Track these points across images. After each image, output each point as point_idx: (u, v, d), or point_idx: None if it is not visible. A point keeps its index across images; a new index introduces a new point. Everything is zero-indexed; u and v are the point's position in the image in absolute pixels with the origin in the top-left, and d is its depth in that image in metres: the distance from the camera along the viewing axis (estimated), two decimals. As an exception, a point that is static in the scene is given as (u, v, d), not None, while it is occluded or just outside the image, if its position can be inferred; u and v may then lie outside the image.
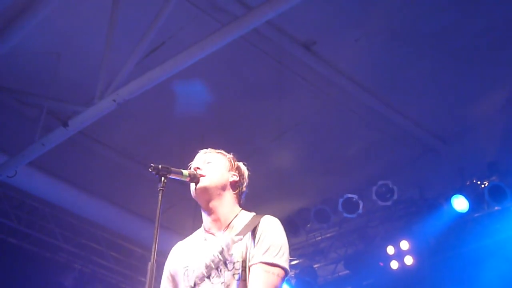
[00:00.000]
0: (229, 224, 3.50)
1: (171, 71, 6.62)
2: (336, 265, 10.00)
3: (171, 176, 3.40)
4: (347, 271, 9.83)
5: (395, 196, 8.82)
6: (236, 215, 3.53)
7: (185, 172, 3.50)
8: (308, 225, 9.86)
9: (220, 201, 3.53)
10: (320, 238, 9.91)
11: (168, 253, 3.70)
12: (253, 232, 3.37)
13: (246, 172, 3.71)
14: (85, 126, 7.37)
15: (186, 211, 9.49)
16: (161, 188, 3.32)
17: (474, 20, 7.16)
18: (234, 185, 3.61)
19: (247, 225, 3.43)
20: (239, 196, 3.63)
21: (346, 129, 8.73)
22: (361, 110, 8.38)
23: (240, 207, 3.63)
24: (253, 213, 3.56)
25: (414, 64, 7.78)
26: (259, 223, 3.42)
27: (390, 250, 9.19)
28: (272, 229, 3.42)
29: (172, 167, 3.42)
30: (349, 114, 8.46)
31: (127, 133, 8.94)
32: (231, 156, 3.72)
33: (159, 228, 3.23)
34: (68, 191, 9.28)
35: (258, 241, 3.34)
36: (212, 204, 3.53)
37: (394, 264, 9.17)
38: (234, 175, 3.62)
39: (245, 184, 3.68)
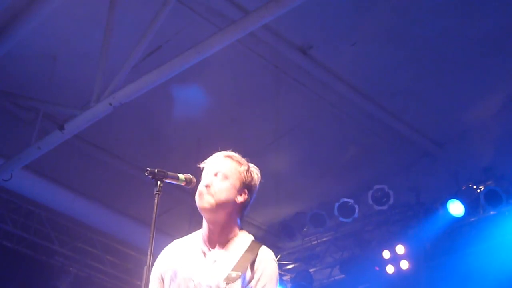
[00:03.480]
0: (226, 243, 3.45)
1: (168, 75, 6.62)
2: (332, 269, 10.00)
3: (167, 180, 3.39)
4: (343, 275, 9.82)
5: (391, 201, 8.82)
6: (235, 236, 3.47)
7: (181, 176, 3.48)
8: (304, 229, 9.86)
9: (222, 222, 3.45)
10: (316, 242, 9.91)
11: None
12: (251, 267, 3.34)
13: (257, 182, 3.59)
14: (81, 129, 7.36)
15: (182, 215, 9.50)
16: (157, 192, 3.31)
17: (470, 25, 7.18)
18: (240, 206, 3.49)
19: (245, 256, 3.37)
20: (242, 214, 3.53)
21: (342, 133, 8.74)
22: (357, 114, 8.39)
23: (240, 225, 3.53)
24: (251, 237, 3.49)
25: (410, 68, 7.79)
26: (257, 256, 3.38)
27: (386, 254, 9.19)
28: (269, 267, 3.39)
29: (168, 171, 3.41)
30: (346, 118, 8.47)
31: (123, 136, 8.93)
32: (246, 168, 3.56)
33: (155, 232, 3.23)
34: (64, 195, 9.27)
35: (254, 278, 3.32)
36: (213, 222, 3.46)
37: (390, 269, 9.16)
38: (243, 194, 3.49)
39: (252, 198, 3.55)
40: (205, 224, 3.50)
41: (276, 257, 3.53)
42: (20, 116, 8.43)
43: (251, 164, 3.64)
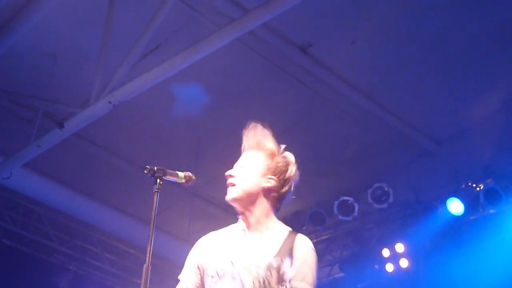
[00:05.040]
0: (261, 232, 3.40)
1: (167, 73, 6.62)
2: (332, 267, 10.00)
3: (167, 178, 3.39)
4: (342, 274, 9.83)
5: (391, 199, 8.82)
6: (268, 227, 3.42)
7: (181, 174, 3.48)
8: (304, 228, 9.84)
9: (252, 209, 3.41)
10: (315, 240, 9.89)
11: (163, 256, 3.67)
12: (290, 253, 3.30)
13: (291, 171, 3.51)
14: (81, 127, 7.36)
15: (181, 213, 9.51)
16: (157, 190, 3.31)
17: (470, 23, 7.18)
18: (269, 191, 3.43)
19: (284, 245, 3.33)
20: (275, 202, 3.46)
21: (341, 132, 8.73)
22: (357, 112, 8.39)
23: (275, 213, 3.48)
24: (288, 228, 3.46)
25: (410, 66, 7.79)
26: (294, 244, 3.34)
27: (386, 252, 9.20)
28: (307, 253, 3.35)
29: (168, 169, 3.41)
30: (345, 116, 8.47)
31: (122, 135, 8.93)
32: (276, 154, 3.54)
33: (155, 230, 3.23)
34: (63, 193, 9.27)
35: (294, 264, 3.27)
36: (244, 211, 3.43)
37: (390, 267, 9.17)
38: (269, 179, 3.43)
39: (285, 186, 3.48)
40: (240, 218, 3.45)
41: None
42: (20, 114, 8.43)
43: (285, 152, 3.61)
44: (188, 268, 3.43)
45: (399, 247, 9.09)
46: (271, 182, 3.44)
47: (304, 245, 3.38)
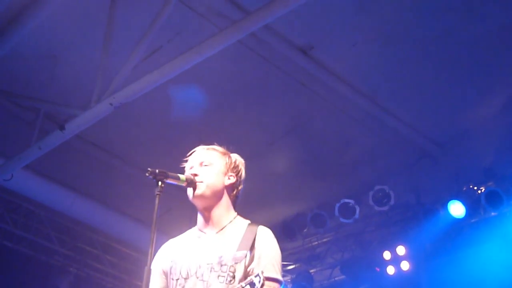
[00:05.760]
0: (223, 228, 3.55)
1: (168, 75, 6.62)
2: (333, 270, 9.99)
3: (168, 180, 3.42)
4: (343, 276, 9.81)
5: (392, 201, 8.81)
6: (231, 221, 3.58)
7: (182, 177, 3.51)
8: (305, 230, 9.85)
9: (216, 206, 3.58)
10: (316, 243, 9.90)
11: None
12: (251, 246, 3.42)
13: (242, 169, 3.74)
14: (82, 129, 7.36)
15: (182, 215, 9.44)
16: (158, 193, 3.34)
17: (471, 25, 7.17)
18: (230, 188, 3.66)
19: (245, 237, 3.45)
20: (234, 198, 3.68)
21: (343, 134, 8.73)
22: (358, 115, 8.38)
23: (235, 210, 3.67)
24: (248, 221, 3.60)
25: (411, 69, 7.79)
26: (255, 236, 3.46)
27: (387, 255, 9.19)
28: (269, 243, 3.49)
29: (169, 171, 3.42)
30: (347, 119, 8.46)
31: (123, 137, 8.93)
32: (227, 153, 3.75)
33: (156, 232, 3.23)
34: (64, 195, 9.27)
35: (256, 256, 3.39)
36: (208, 208, 3.59)
37: (391, 269, 9.16)
38: (230, 176, 3.66)
39: (241, 183, 3.72)
40: (199, 214, 3.63)
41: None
42: (21, 116, 8.43)
43: (232, 154, 3.79)
44: (154, 275, 3.57)
45: (400, 250, 9.08)
46: (231, 179, 3.66)
47: (264, 237, 3.49)
